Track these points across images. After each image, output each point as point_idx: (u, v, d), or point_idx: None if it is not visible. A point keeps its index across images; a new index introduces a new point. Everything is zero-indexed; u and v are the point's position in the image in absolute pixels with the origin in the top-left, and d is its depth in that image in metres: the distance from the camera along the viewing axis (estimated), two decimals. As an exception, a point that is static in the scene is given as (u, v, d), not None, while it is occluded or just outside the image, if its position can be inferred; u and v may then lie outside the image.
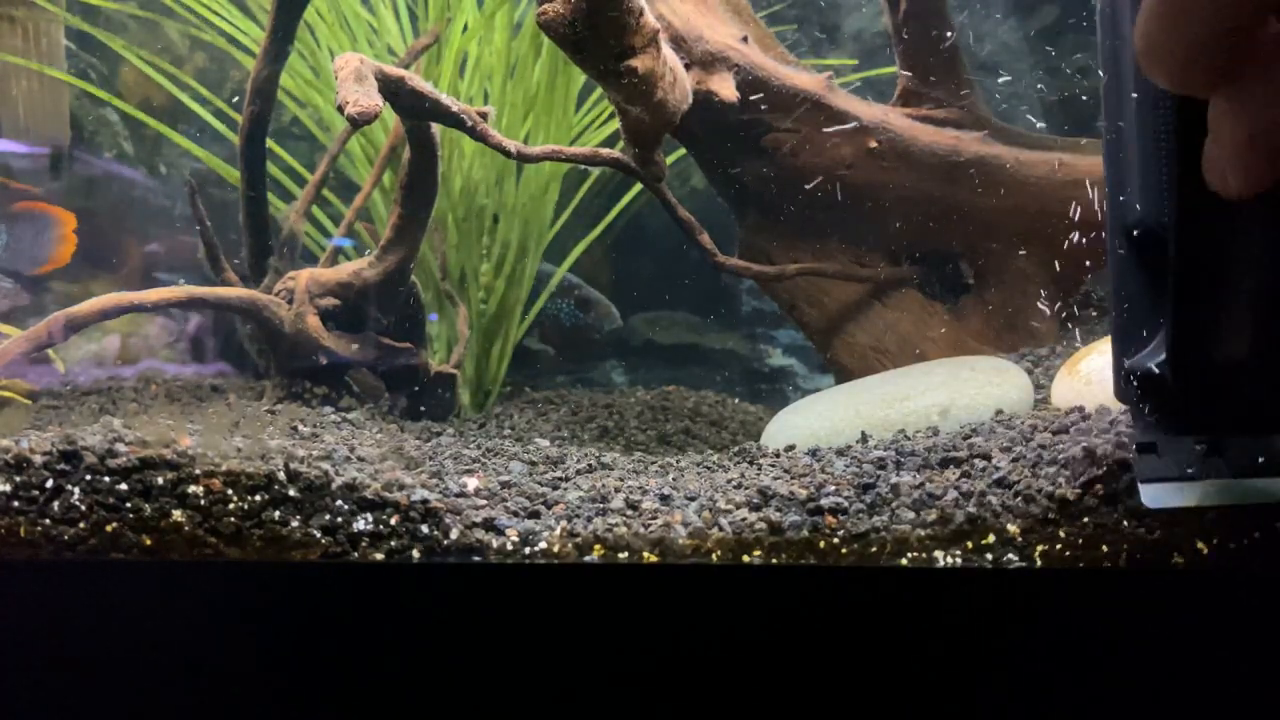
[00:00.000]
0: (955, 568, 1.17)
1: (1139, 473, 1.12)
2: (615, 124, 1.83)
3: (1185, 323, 1.00)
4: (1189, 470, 1.09)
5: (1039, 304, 2.15)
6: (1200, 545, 1.14)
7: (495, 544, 1.22)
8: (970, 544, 1.18)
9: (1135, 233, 1.05)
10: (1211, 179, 0.85)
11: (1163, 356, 1.03)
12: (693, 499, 1.35)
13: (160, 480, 1.23)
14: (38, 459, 1.24)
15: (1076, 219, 2.07)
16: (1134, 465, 1.16)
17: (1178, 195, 0.94)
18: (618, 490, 1.40)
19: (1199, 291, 0.99)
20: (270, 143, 2.14)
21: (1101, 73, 1.09)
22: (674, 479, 1.50)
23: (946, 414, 1.68)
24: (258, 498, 1.23)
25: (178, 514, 1.22)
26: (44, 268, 2.20)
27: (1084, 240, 2.10)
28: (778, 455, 1.64)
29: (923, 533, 1.20)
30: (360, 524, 1.23)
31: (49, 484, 1.22)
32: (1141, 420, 1.11)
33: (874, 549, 1.19)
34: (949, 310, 2.18)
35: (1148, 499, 1.10)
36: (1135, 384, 1.08)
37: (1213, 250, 0.96)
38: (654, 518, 1.28)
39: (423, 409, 2.15)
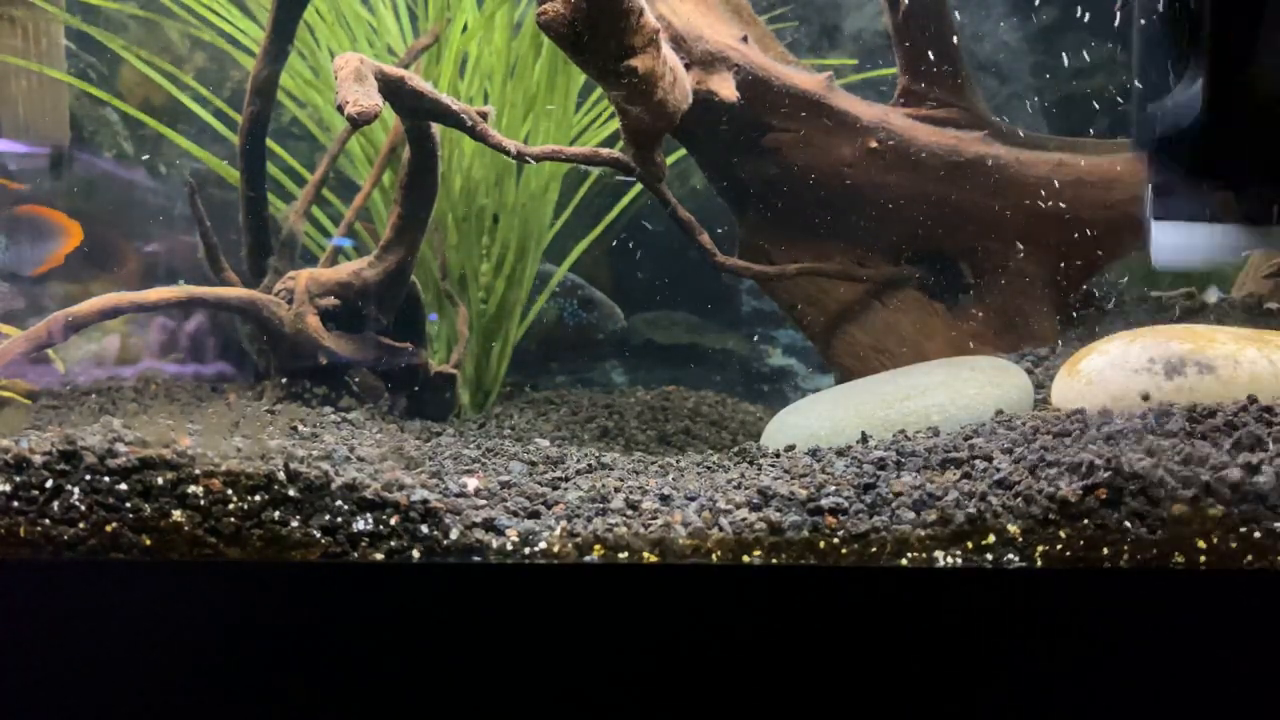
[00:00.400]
0: (955, 568, 1.17)
1: (1153, 214, 1.11)
2: (615, 124, 1.83)
3: (1216, 62, 1.00)
4: (1202, 214, 1.09)
5: (1039, 304, 2.15)
6: (1200, 545, 1.14)
7: (495, 544, 1.22)
8: (970, 544, 1.18)
9: None
10: None
11: (1190, 99, 1.02)
12: (693, 499, 1.35)
13: (160, 480, 1.23)
14: (38, 459, 1.24)
15: (1077, 219, 2.07)
16: (1149, 208, 1.15)
17: None
18: (618, 490, 1.40)
19: (1233, 32, 0.98)
20: (270, 143, 2.14)
21: None
22: (674, 479, 1.50)
23: (946, 414, 1.68)
24: (258, 498, 1.23)
25: (178, 514, 1.22)
26: (40, 269, 2.20)
27: (1083, 240, 2.10)
28: (778, 455, 1.64)
29: (923, 533, 1.20)
30: (360, 524, 1.23)
31: (49, 484, 1.22)
32: (1160, 164, 1.10)
33: (874, 549, 1.19)
34: (949, 310, 2.18)
35: (1159, 245, 1.10)
36: (1157, 128, 1.07)
37: None
38: (654, 518, 1.28)
39: (422, 409, 2.15)
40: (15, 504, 1.21)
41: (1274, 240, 1.09)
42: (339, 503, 1.24)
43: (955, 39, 2.19)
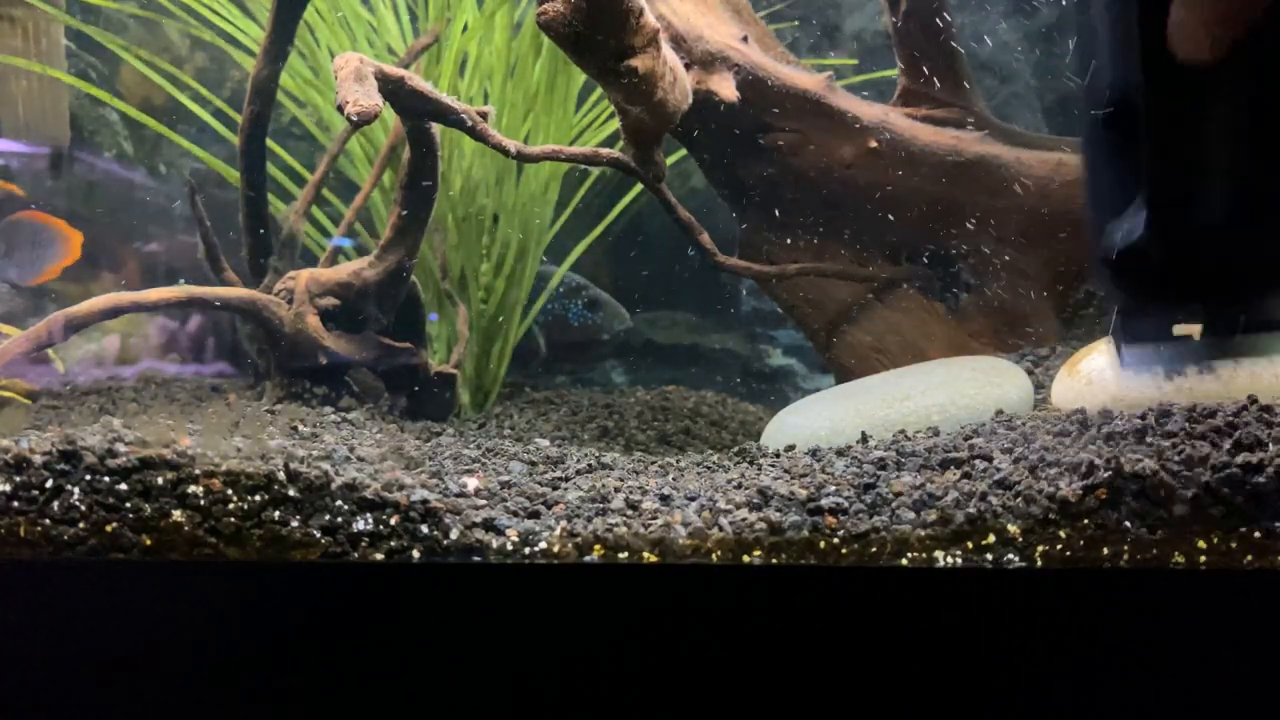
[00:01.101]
0: (955, 568, 1.17)
1: (1121, 337, 1.13)
2: (615, 124, 1.83)
3: (1160, 192, 1.02)
4: (1167, 333, 1.11)
5: (1039, 304, 2.15)
6: (1200, 545, 1.14)
7: (495, 544, 1.22)
8: (970, 544, 1.18)
9: (1107, 106, 1.07)
10: (1177, 46, 0.86)
11: (1140, 225, 1.04)
12: (693, 499, 1.35)
13: (160, 480, 1.23)
14: (38, 459, 1.24)
15: (1077, 219, 2.07)
16: (1115, 331, 1.17)
17: (1146, 65, 0.96)
18: (618, 490, 1.40)
19: (1172, 160, 1.01)
20: (270, 143, 2.14)
21: None
22: (674, 479, 1.50)
23: (946, 414, 1.68)
24: (258, 498, 1.23)
25: (178, 514, 1.22)
26: (39, 278, 2.20)
27: (1084, 240, 2.09)
28: (778, 455, 1.64)
29: (923, 533, 1.20)
30: (360, 524, 1.23)
31: (49, 484, 1.22)
32: (1122, 287, 1.12)
33: (874, 549, 1.19)
34: (949, 310, 2.18)
35: (1128, 364, 1.11)
36: (1114, 253, 1.09)
37: (1184, 120, 0.98)
38: (654, 518, 1.28)
39: (422, 409, 2.15)
40: (15, 504, 1.21)
41: (1242, 349, 1.11)
42: (339, 503, 1.24)
43: (955, 39, 2.19)
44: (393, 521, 1.23)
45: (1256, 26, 0.88)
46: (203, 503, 1.22)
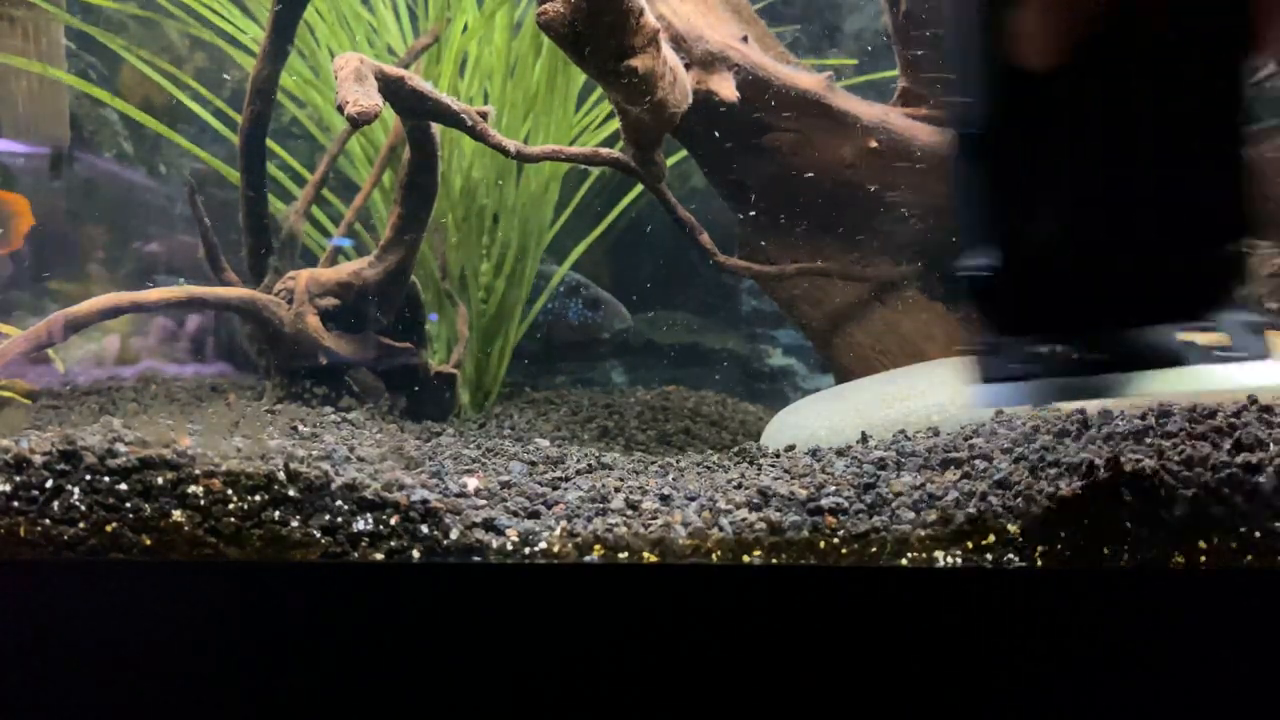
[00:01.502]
0: (955, 568, 1.17)
1: (977, 374, 1.10)
2: (615, 124, 1.83)
3: (1006, 223, 1.00)
4: (1023, 369, 1.08)
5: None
6: (1200, 545, 1.14)
7: (495, 544, 1.22)
8: (970, 544, 1.18)
9: (968, 134, 1.05)
10: (1019, 49, 0.84)
11: (991, 258, 1.03)
12: (693, 499, 1.35)
13: (160, 480, 1.23)
14: (38, 459, 1.24)
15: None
16: (971, 367, 1.14)
17: (992, 90, 0.94)
18: (618, 490, 1.40)
19: (1018, 192, 0.99)
20: (270, 143, 2.14)
21: None
22: (674, 479, 1.50)
23: (946, 414, 1.68)
24: (258, 498, 1.23)
25: (178, 514, 1.22)
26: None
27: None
28: (778, 455, 1.64)
29: (923, 533, 1.20)
30: (360, 524, 1.23)
31: (49, 484, 1.22)
32: (978, 321, 1.10)
33: (874, 549, 1.19)
34: (949, 310, 2.18)
35: (980, 401, 1.09)
36: (969, 285, 1.07)
37: (1030, 151, 0.96)
38: (654, 518, 1.28)
39: (422, 409, 2.15)
40: (15, 504, 1.21)
41: (1091, 389, 1.08)
42: (339, 503, 1.24)
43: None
44: (393, 521, 1.23)
45: (1104, 27, 0.86)
46: (203, 503, 1.22)
